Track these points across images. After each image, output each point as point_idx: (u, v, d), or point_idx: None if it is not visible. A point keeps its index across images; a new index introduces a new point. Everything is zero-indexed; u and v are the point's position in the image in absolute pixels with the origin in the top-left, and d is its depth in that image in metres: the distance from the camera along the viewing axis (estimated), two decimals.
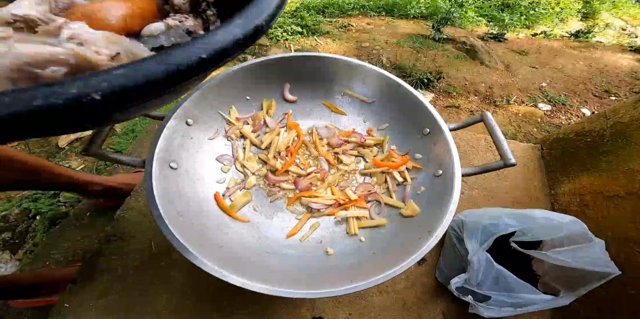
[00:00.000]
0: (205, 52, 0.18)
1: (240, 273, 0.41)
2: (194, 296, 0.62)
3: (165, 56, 0.18)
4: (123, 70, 0.16)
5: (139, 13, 0.30)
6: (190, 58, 0.18)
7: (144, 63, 0.17)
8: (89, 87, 0.15)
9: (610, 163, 0.77)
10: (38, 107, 0.14)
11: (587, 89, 1.90)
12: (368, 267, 0.46)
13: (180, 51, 0.18)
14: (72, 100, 0.15)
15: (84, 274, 0.63)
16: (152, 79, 0.17)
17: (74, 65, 0.21)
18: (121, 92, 0.16)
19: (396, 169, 0.58)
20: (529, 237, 0.55)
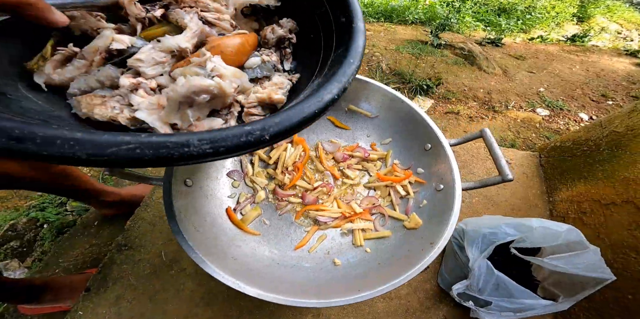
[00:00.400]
0: (316, 108, 0.26)
1: (254, 283, 0.43)
2: (203, 303, 0.64)
3: (297, 110, 0.25)
4: (278, 119, 0.24)
5: (249, 49, 0.37)
6: (310, 111, 0.25)
7: (288, 115, 0.24)
8: (265, 130, 0.22)
9: (607, 172, 0.79)
10: (246, 141, 0.22)
11: (584, 93, 1.93)
12: (373, 277, 0.49)
13: (304, 106, 0.25)
14: (257, 137, 0.22)
15: (97, 283, 0.65)
16: (293, 126, 0.24)
17: (214, 94, 0.29)
18: (278, 134, 0.23)
19: (399, 183, 0.61)
20: (529, 243, 0.58)
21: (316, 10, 0.38)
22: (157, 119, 0.28)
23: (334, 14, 0.36)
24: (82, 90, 0.30)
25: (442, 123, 1.62)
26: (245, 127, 0.22)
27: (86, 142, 0.18)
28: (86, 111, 0.28)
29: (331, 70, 0.31)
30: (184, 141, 0.20)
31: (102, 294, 0.64)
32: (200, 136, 0.21)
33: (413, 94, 1.82)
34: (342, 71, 0.29)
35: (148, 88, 0.30)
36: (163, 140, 0.19)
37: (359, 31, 0.32)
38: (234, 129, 0.22)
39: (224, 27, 0.37)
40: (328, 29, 0.37)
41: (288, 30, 0.39)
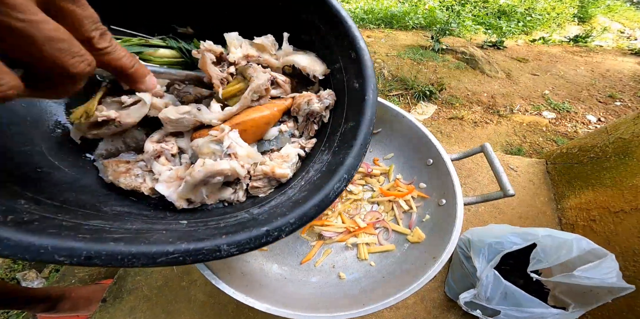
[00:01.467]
0: (327, 202, 0.28)
1: (263, 298, 0.45)
2: (214, 314, 0.65)
3: (310, 207, 0.27)
4: (294, 218, 0.27)
5: (275, 120, 0.37)
6: (322, 207, 0.28)
7: (301, 213, 0.27)
8: (282, 231, 0.26)
9: (614, 179, 0.79)
10: (266, 241, 0.26)
11: (590, 95, 1.91)
12: (378, 290, 0.50)
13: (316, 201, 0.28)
14: (276, 237, 0.26)
15: (113, 293, 0.68)
16: (307, 221, 0.27)
17: (228, 176, 0.31)
18: (293, 230, 0.27)
19: (402, 198, 0.62)
20: (545, 264, 0.56)
21: (330, 66, 0.37)
22: (173, 192, 0.31)
23: (347, 75, 0.35)
24: (110, 151, 0.33)
25: (446, 129, 1.63)
26: (264, 228, 0.25)
27: (140, 255, 0.22)
28: (112, 178, 0.31)
29: (341, 151, 0.32)
30: (216, 248, 0.24)
31: (118, 305, 0.67)
32: (229, 240, 0.24)
33: (416, 100, 1.83)
34: (350, 158, 0.30)
35: (169, 154, 0.33)
36: (200, 247, 0.23)
37: (370, 105, 0.32)
38: (254, 232, 0.25)
39: (286, 89, 0.38)
40: (340, 93, 0.36)
41: (325, 107, 0.37)
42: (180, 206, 0.31)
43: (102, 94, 0.32)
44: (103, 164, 0.32)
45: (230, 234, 0.25)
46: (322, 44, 0.37)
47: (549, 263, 0.55)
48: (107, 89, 0.32)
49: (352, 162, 0.30)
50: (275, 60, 0.39)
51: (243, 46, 0.37)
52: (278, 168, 0.33)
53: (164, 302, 0.67)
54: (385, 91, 1.92)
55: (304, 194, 0.30)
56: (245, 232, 0.25)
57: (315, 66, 0.38)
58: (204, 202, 0.33)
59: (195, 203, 0.32)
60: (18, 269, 1.05)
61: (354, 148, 0.31)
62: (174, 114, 0.32)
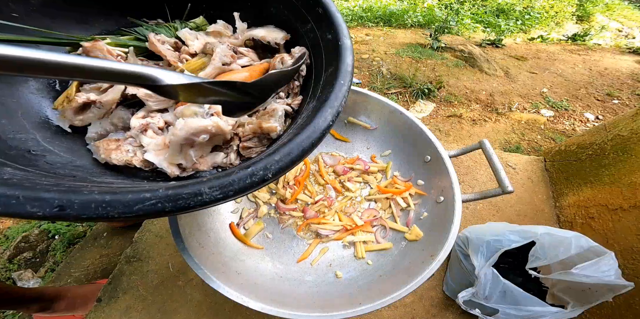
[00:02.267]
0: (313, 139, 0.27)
1: (258, 297, 0.44)
2: (210, 313, 0.65)
3: (296, 144, 0.26)
4: (278, 156, 0.25)
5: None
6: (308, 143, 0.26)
7: (287, 151, 0.25)
8: (267, 170, 0.24)
9: (613, 176, 0.78)
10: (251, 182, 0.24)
11: (588, 93, 1.91)
12: (375, 289, 0.49)
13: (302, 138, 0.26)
14: (261, 177, 0.24)
15: (108, 293, 0.67)
16: (293, 161, 0.25)
17: (213, 133, 0.31)
18: (280, 171, 0.25)
19: (400, 195, 0.61)
20: (544, 261, 0.56)
21: (302, 27, 0.38)
22: (163, 160, 0.30)
23: (320, 31, 0.36)
24: (99, 133, 0.34)
25: (445, 127, 1.62)
26: (248, 169, 0.24)
27: (115, 203, 0.20)
28: (104, 156, 0.31)
29: (324, 94, 0.31)
30: (197, 191, 0.22)
31: (113, 304, 0.66)
32: (210, 184, 0.23)
33: (415, 98, 1.82)
34: (334, 95, 0.29)
35: (156, 127, 0.33)
36: (178, 192, 0.22)
37: (346, 49, 0.33)
38: (239, 173, 0.24)
39: (252, 57, 0.40)
40: (317, 48, 0.37)
41: (297, 59, 0.38)
42: (172, 173, 0.30)
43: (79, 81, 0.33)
44: (95, 145, 0.32)
45: (213, 179, 0.23)
46: (290, 12, 0.39)
47: (547, 260, 0.54)
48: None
49: (335, 98, 0.29)
50: (235, 40, 0.41)
51: (199, 37, 0.39)
52: (265, 123, 0.33)
53: (160, 301, 0.66)
54: (384, 89, 1.91)
55: (289, 137, 0.28)
56: (228, 176, 0.23)
57: (273, 34, 0.40)
58: (197, 168, 0.32)
59: (188, 170, 0.31)
60: (14, 269, 1.04)
61: (335, 86, 0.30)
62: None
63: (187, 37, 0.39)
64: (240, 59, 0.40)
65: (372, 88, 1.89)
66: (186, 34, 0.39)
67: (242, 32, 0.41)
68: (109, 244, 0.98)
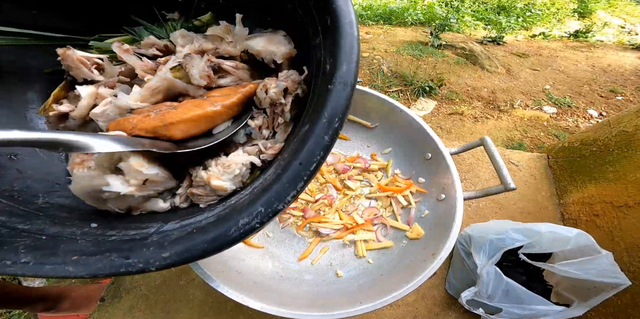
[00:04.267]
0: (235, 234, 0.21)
1: (258, 297, 0.44)
2: (212, 312, 0.64)
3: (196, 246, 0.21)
4: (168, 253, 0.21)
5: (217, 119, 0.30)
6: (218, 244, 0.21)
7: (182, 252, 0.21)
8: (149, 264, 0.21)
9: (618, 173, 0.77)
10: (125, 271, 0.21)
11: (592, 89, 1.89)
12: (376, 288, 0.48)
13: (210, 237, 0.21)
14: (140, 269, 0.20)
15: (111, 293, 0.67)
16: (185, 262, 0.21)
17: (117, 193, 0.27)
18: (167, 266, 0.21)
19: (400, 193, 0.60)
20: (538, 249, 0.56)
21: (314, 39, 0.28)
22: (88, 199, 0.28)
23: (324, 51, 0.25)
24: None
25: (446, 124, 1.61)
26: (126, 260, 0.20)
27: (29, 268, 0.20)
28: (69, 168, 0.29)
29: (277, 169, 0.24)
30: (59, 267, 0.20)
31: (117, 304, 0.66)
32: (77, 262, 0.21)
33: (416, 96, 1.81)
34: (279, 186, 0.21)
35: None
36: (40, 263, 0.21)
37: (333, 97, 0.21)
38: (115, 261, 0.21)
39: (240, 76, 0.33)
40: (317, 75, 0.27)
41: (282, 90, 0.30)
42: (112, 210, 0.28)
43: (62, 87, 0.32)
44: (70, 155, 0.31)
45: (85, 255, 0.21)
46: (304, 13, 0.29)
47: (541, 249, 0.54)
48: (67, 83, 0.32)
49: (279, 190, 0.20)
50: (232, 49, 0.34)
51: (195, 42, 0.33)
52: (214, 179, 0.27)
53: (163, 301, 0.66)
54: (385, 87, 1.90)
55: (210, 220, 0.23)
56: (102, 257, 0.21)
57: (272, 48, 0.31)
58: (130, 211, 0.29)
59: (122, 209, 0.29)
60: None
61: (288, 169, 0.21)
62: (99, 108, 0.30)
63: (178, 42, 0.34)
64: (223, 79, 0.32)
65: (373, 86, 1.88)
66: (178, 37, 0.34)
67: (240, 40, 0.34)
68: None
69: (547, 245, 0.56)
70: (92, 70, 0.32)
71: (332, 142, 0.21)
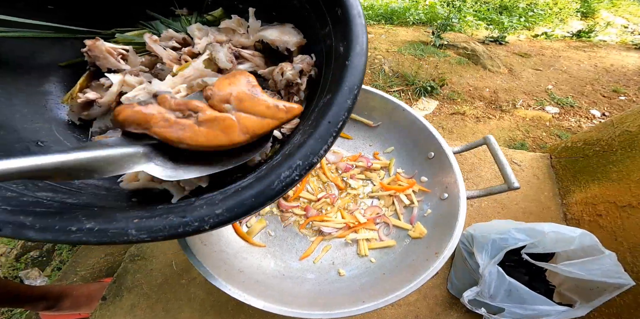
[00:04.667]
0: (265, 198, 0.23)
1: (260, 295, 0.44)
2: (214, 311, 0.64)
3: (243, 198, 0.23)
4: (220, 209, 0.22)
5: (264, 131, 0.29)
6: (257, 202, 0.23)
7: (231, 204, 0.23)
8: (204, 222, 0.22)
9: (621, 173, 0.77)
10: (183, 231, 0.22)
11: (594, 89, 1.88)
12: (378, 287, 0.48)
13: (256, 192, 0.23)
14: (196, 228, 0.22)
15: (113, 292, 0.67)
16: (236, 216, 0.22)
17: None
18: (219, 224, 0.22)
19: (403, 192, 0.60)
20: (541, 249, 0.56)
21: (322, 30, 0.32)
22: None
23: (335, 39, 0.29)
24: (102, 129, 0.35)
25: (448, 124, 1.60)
26: (184, 218, 0.22)
27: (43, 230, 0.21)
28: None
29: (307, 132, 0.26)
30: (123, 231, 0.21)
31: (118, 302, 0.66)
32: (139, 225, 0.22)
33: (417, 95, 1.81)
34: (313, 141, 0.23)
35: None
36: (104, 228, 0.22)
37: (352, 71, 0.26)
38: (173, 220, 0.22)
39: (257, 63, 0.36)
40: (329, 59, 0.31)
41: (298, 71, 0.33)
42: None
43: (86, 77, 0.34)
44: (94, 140, 0.34)
45: (144, 218, 0.22)
46: (312, 8, 0.33)
47: (545, 249, 0.54)
48: (90, 73, 0.34)
49: (313, 145, 0.23)
50: (246, 40, 0.37)
51: (210, 34, 0.36)
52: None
53: (164, 300, 0.66)
54: (386, 86, 1.90)
55: (251, 181, 0.25)
56: (160, 219, 0.22)
57: (285, 37, 0.34)
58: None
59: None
60: (21, 268, 1.05)
61: (319, 127, 0.24)
62: (132, 93, 0.32)
63: (195, 34, 0.36)
64: (242, 64, 0.36)
65: (375, 86, 1.88)
66: (195, 30, 0.36)
67: (254, 32, 0.37)
68: None
69: (551, 245, 0.55)
70: (118, 60, 0.35)
71: (352, 106, 0.25)
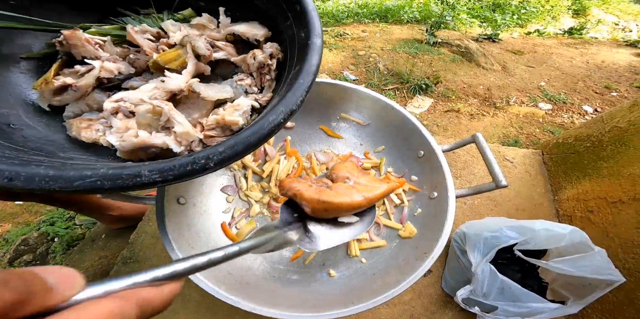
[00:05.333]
0: (260, 135, 0.27)
1: (249, 298, 0.43)
2: (209, 313, 0.64)
3: (242, 138, 0.26)
4: (222, 147, 0.25)
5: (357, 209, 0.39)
6: (254, 139, 0.27)
7: (232, 143, 0.26)
8: (209, 159, 0.25)
9: (612, 168, 0.77)
10: (191, 169, 0.24)
11: (586, 86, 1.89)
12: (369, 288, 0.48)
13: (249, 133, 0.27)
14: (202, 166, 0.24)
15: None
16: (237, 153, 0.26)
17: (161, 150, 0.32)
18: (223, 161, 0.25)
19: (393, 191, 0.60)
20: (532, 246, 0.56)
21: (283, 23, 0.39)
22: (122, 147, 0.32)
23: (297, 28, 0.36)
24: (75, 113, 0.36)
25: (442, 122, 1.61)
26: (190, 157, 0.25)
27: (58, 178, 0.22)
28: (75, 133, 0.33)
29: (283, 92, 0.32)
30: (136, 173, 0.23)
31: None
32: (151, 167, 0.23)
33: (412, 93, 1.81)
34: (291, 94, 0.29)
35: (127, 111, 0.34)
36: (118, 172, 0.23)
37: (313, 48, 0.33)
38: (181, 160, 0.24)
39: (229, 52, 0.41)
40: (292, 45, 0.38)
41: (269, 55, 0.39)
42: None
43: (58, 65, 0.35)
44: (69, 123, 0.34)
45: (154, 163, 0.24)
46: (274, 7, 0.40)
47: (536, 246, 0.54)
48: (62, 61, 0.36)
49: (291, 97, 0.29)
50: (217, 34, 0.42)
51: (182, 29, 0.40)
52: (228, 115, 0.34)
53: None
54: (381, 85, 1.89)
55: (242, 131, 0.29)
56: (170, 161, 0.24)
57: (254, 30, 0.41)
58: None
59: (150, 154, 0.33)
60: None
61: (294, 85, 0.30)
62: (147, 94, 0.34)
63: (169, 28, 0.40)
64: (217, 53, 0.41)
65: (369, 85, 1.88)
66: (169, 25, 0.40)
67: (224, 27, 0.42)
68: (107, 246, 0.97)
69: (542, 242, 0.55)
70: (97, 48, 0.36)
71: (317, 70, 0.32)
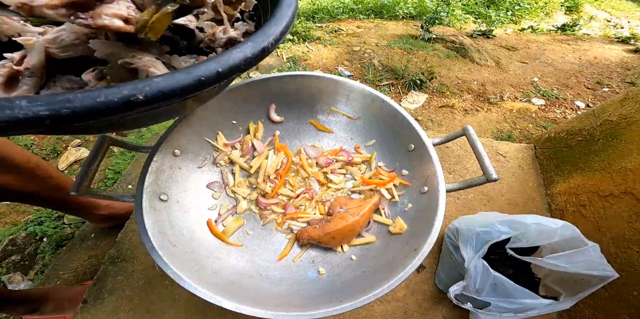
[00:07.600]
0: (221, 67, 0.23)
1: (234, 297, 0.41)
2: (199, 312, 0.63)
3: (192, 69, 0.22)
4: (161, 78, 0.20)
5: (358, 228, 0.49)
6: (210, 71, 0.22)
7: (175, 74, 0.21)
8: (137, 90, 0.19)
9: (603, 162, 0.77)
10: (101, 103, 0.18)
11: (579, 81, 1.90)
12: (358, 286, 0.46)
13: (204, 65, 0.22)
14: (124, 98, 0.19)
15: (93, 295, 0.65)
16: (181, 85, 0.21)
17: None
18: (158, 94, 0.20)
19: (384, 186, 0.58)
20: (524, 243, 0.55)
21: None
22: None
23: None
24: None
25: (437, 117, 1.60)
26: (112, 88, 0.19)
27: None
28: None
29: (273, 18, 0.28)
30: (6, 103, 0.16)
31: (99, 305, 0.64)
32: (36, 98, 0.17)
33: (407, 89, 1.80)
34: (262, 32, 0.26)
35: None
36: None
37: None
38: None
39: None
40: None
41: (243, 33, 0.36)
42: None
43: None
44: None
45: (46, 96, 0.18)
46: None
47: (528, 243, 0.53)
48: None
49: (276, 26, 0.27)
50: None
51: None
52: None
53: (147, 301, 0.64)
54: (376, 80, 1.88)
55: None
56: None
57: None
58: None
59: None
60: (3, 272, 1.01)
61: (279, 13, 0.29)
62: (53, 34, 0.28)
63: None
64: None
65: (364, 80, 1.86)
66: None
67: None
68: (96, 245, 0.95)
69: (534, 238, 0.55)
70: (25, 24, 0.29)
71: (296, 6, 0.30)
